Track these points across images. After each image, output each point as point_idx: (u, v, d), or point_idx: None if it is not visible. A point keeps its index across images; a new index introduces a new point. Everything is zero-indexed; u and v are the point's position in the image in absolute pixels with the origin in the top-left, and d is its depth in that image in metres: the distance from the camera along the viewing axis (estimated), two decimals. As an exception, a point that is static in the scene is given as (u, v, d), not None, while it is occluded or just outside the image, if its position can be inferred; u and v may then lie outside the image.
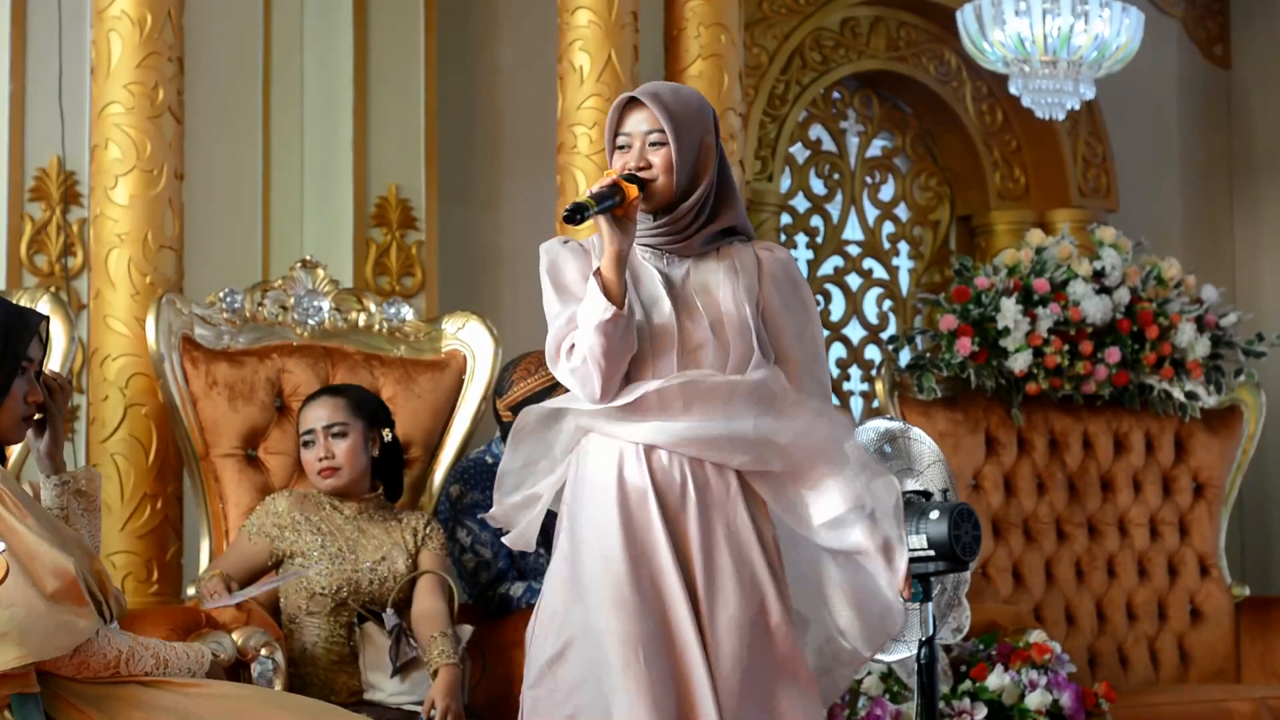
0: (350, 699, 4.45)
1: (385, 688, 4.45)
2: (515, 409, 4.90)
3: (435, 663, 4.39)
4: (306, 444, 4.60)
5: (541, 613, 3.55)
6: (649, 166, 3.50)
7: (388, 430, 4.66)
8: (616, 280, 3.42)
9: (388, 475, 4.69)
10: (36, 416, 3.52)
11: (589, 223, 3.43)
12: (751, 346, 3.50)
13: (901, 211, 7.34)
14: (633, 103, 3.54)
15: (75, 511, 3.55)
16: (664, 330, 3.49)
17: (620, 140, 3.54)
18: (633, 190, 3.44)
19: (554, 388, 4.84)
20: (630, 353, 3.46)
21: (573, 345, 3.48)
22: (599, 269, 3.44)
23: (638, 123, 3.52)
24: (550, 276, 3.56)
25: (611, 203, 3.41)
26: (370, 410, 4.65)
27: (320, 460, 4.56)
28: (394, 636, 4.44)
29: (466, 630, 4.60)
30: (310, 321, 5.04)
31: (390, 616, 4.47)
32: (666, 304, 3.50)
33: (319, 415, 4.59)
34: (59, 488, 3.57)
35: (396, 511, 4.67)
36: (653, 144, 3.51)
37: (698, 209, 3.53)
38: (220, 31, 5.45)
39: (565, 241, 3.59)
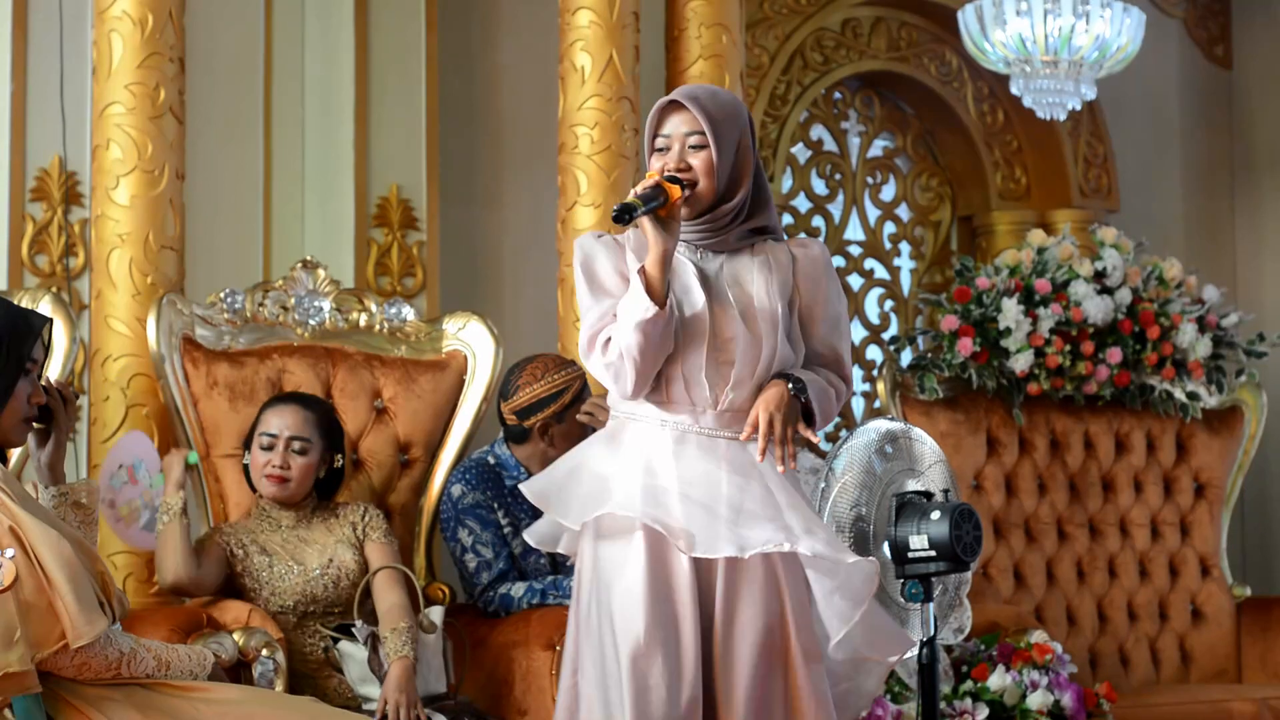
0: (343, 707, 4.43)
1: (377, 696, 4.43)
2: (520, 413, 4.90)
3: (388, 661, 4.39)
4: (264, 445, 4.57)
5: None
6: (689, 169, 3.52)
7: (340, 457, 4.65)
8: (661, 279, 3.45)
9: (323, 487, 4.68)
10: (38, 425, 3.53)
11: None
12: (781, 342, 3.54)
13: (903, 212, 7.34)
14: (672, 104, 3.56)
15: (72, 524, 3.55)
16: (696, 322, 3.52)
17: (659, 142, 3.56)
18: (675, 191, 3.46)
19: (561, 393, 4.84)
20: (667, 351, 3.50)
21: (609, 339, 3.50)
22: (643, 267, 3.46)
23: (677, 125, 3.54)
24: (584, 270, 3.59)
25: (655, 204, 3.44)
26: (332, 433, 4.64)
27: (274, 467, 4.54)
28: (370, 647, 4.43)
29: (437, 611, 4.59)
30: (311, 322, 5.04)
31: (362, 628, 4.45)
32: (700, 296, 3.53)
33: (286, 423, 4.56)
34: (57, 499, 3.57)
35: (333, 508, 4.66)
36: (693, 146, 3.53)
37: (738, 209, 3.56)
38: (221, 32, 5.45)
39: (599, 236, 3.62)
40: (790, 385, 3.50)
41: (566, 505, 3.55)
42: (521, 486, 3.62)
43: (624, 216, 3.40)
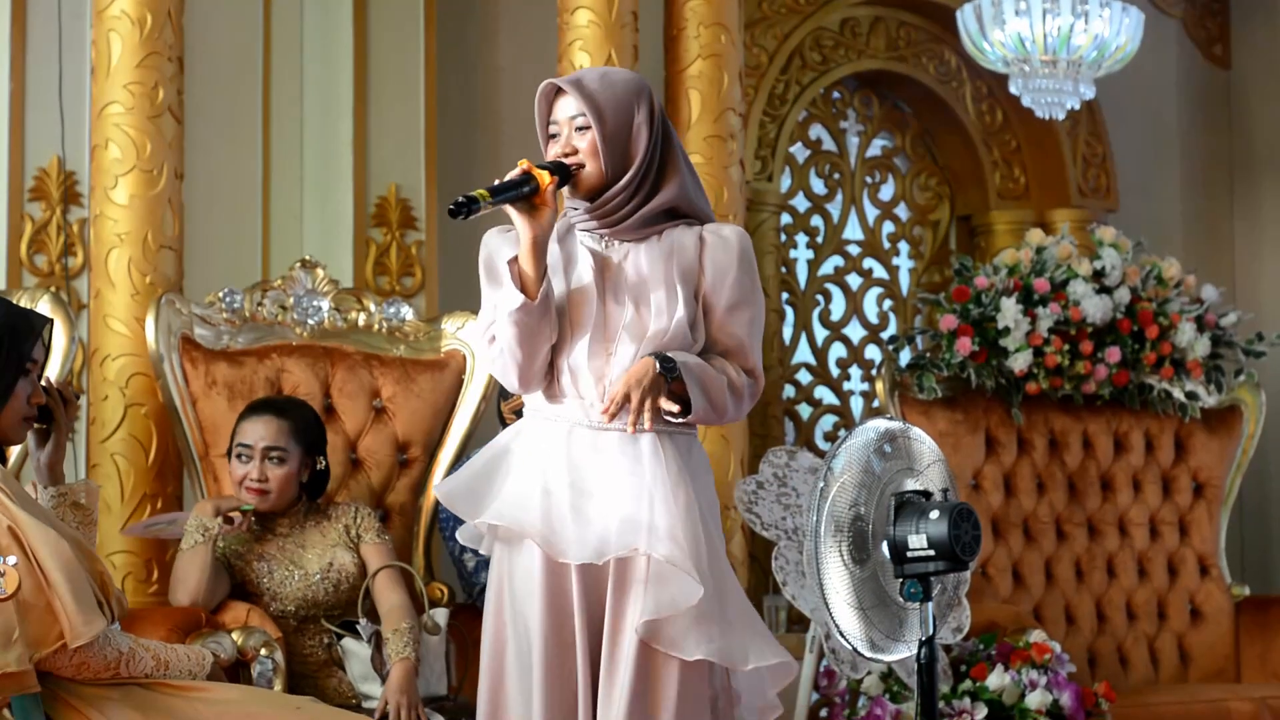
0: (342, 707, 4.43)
1: (378, 694, 4.43)
2: (520, 413, 4.89)
3: (390, 661, 4.38)
4: (240, 457, 4.53)
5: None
6: (576, 152, 3.49)
7: (321, 459, 4.61)
8: (531, 269, 3.43)
9: (310, 489, 4.66)
10: (39, 425, 3.53)
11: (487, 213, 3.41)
12: (666, 329, 3.47)
13: (901, 211, 7.34)
14: (560, 90, 3.53)
15: (70, 524, 3.55)
16: (584, 314, 3.49)
17: (552, 129, 3.54)
18: (545, 178, 3.42)
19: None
20: (545, 343, 3.47)
21: (494, 336, 3.50)
22: (514, 258, 3.44)
23: (564, 109, 3.52)
24: (484, 263, 3.57)
25: (517, 193, 3.41)
26: (310, 437, 4.58)
27: (253, 480, 4.51)
28: (373, 645, 4.43)
29: (441, 613, 4.59)
30: (310, 321, 5.04)
31: (366, 626, 4.45)
32: (591, 287, 3.50)
33: (260, 433, 4.52)
34: (56, 499, 3.57)
35: (324, 509, 4.64)
36: (578, 129, 3.50)
37: (629, 191, 3.51)
38: (220, 31, 5.45)
39: (508, 230, 3.57)
40: (659, 364, 3.43)
41: (469, 502, 3.56)
42: (435, 488, 3.60)
43: (461, 211, 3.37)
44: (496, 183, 3.41)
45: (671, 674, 3.45)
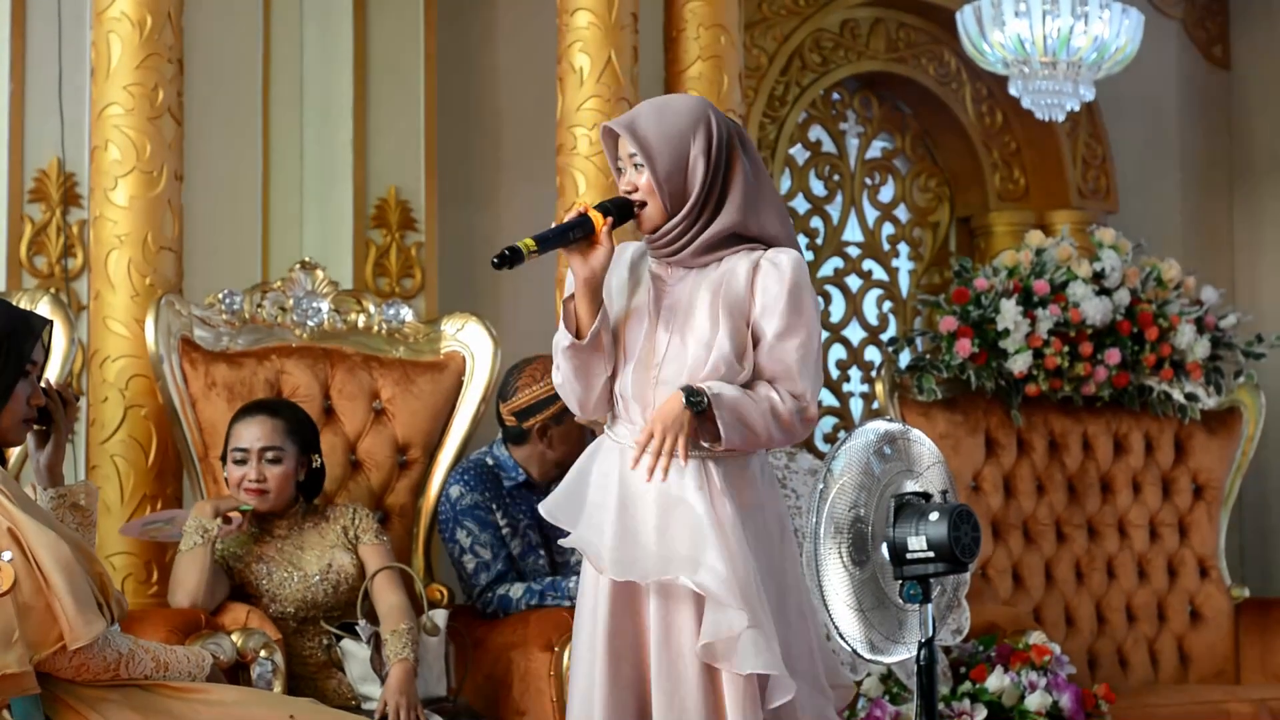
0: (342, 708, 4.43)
1: (377, 696, 4.43)
2: (519, 414, 4.91)
3: (389, 662, 4.39)
4: (237, 461, 4.54)
5: None
6: (637, 190, 3.57)
7: (317, 457, 4.61)
8: (584, 308, 3.55)
9: (307, 489, 4.66)
10: (38, 427, 3.53)
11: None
12: (704, 362, 3.53)
13: (901, 213, 7.34)
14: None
15: (70, 525, 3.54)
16: (634, 343, 3.59)
17: (619, 163, 3.62)
18: (599, 219, 3.51)
19: (559, 395, 4.84)
20: (598, 376, 3.59)
21: (558, 364, 3.63)
22: (570, 296, 3.56)
23: (624, 145, 3.59)
24: (568, 280, 3.66)
25: (565, 240, 3.51)
26: (304, 435, 4.59)
27: (251, 481, 4.51)
28: (372, 646, 4.43)
29: (440, 614, 4.59)
30: (309, 323, 5.04)
31: (365, 628, 4.45)
32: (645, 315, 3.59)
33: (255, 435, 4.53)
34: (56, 500, 3.57)
35: (322, 510, 4.64)
36: (637, 166, 3.57)
37: (685, 225, 3.57)
38: (220, 33, 5.45)
39: None
40: (686, 398, 3.48)
41: (568, 513, 3.64)
42: (539, 507, 3.70)
43: (505, 264, 3.47)
44: (554, 225, 3.52)
45: (729, 689, 3.50)
